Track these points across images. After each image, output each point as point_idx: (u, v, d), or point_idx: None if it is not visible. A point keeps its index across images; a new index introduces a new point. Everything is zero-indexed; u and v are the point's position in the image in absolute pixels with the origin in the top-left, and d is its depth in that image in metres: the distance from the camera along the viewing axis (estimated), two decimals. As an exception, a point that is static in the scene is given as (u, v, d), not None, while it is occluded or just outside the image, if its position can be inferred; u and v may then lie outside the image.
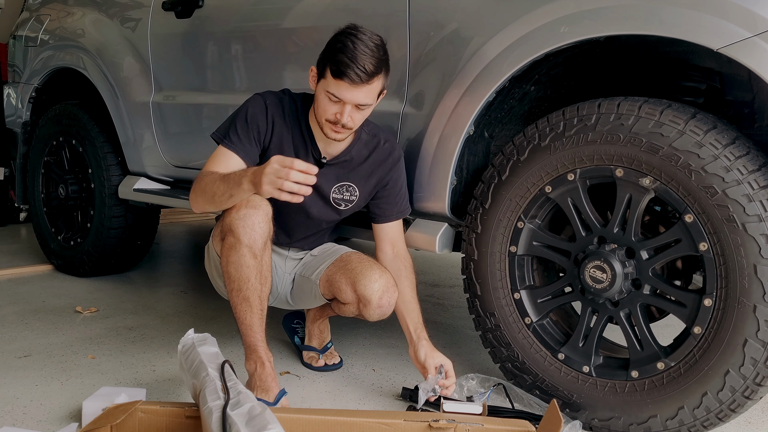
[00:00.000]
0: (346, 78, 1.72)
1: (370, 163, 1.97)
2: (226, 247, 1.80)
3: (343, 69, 1.71)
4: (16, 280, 3.24)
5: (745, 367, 1.56)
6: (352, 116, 1.79)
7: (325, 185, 1.96)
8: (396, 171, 1.99)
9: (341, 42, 1.74)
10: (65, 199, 3.27)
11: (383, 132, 2.00)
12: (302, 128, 1.92)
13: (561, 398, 1.82)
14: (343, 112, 1.77)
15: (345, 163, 1.96)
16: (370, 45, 1.73)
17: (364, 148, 1.96)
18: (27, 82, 3.46)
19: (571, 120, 1.75)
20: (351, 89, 1.73)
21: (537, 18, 1.73)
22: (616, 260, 1.71)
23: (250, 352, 1.87)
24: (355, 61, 1.70)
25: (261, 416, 1.24)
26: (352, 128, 1.83)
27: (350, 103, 1.76)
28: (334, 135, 1.83)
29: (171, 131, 2.77)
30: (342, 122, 1.78)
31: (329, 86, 1.76)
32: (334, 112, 1.78)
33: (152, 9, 2.77)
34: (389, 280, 1.91)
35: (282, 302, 2.17)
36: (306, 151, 1.93)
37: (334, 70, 1.73)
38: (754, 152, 1.58)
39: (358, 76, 1.71)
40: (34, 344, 2.32)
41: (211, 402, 1.35)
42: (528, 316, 1.89)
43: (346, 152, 1.95)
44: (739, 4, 1.46)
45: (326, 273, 2.01)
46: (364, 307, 1.91)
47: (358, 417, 1.49)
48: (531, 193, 1.83)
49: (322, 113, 1.81)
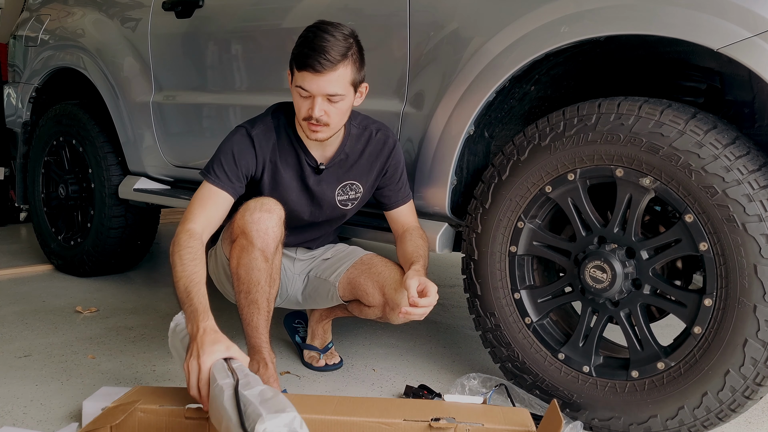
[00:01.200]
0: (309, 67, 1.68)
1: (367, 156, 1.95)
2: (238, 248, 1.79)
3: (305, 59, 1.69)
4: (16, 280, 3.25)
5: (746, 367, 1.55)
6: (326, 110, 1.73)
7: (327, 190, 1.95)
8: (394, 158, 1.98)
9: (303, 36, 1.73)
10: (65, 199, 3.27)
11: (373, 122, 1.97)
12: (292, 141, 1.89)
13: (561, 398, 1.82)
14: (313, 106, 1.72)
15: (342, 162, 1.95)
16: (334, 33, 1.70)
17: (357, 143, 1.94)
18: (27, 82, 3.46)
19: (571, 120, 1.75)
20: (315, 78, 1.69)
21: (537, 18, 1.73)
22: (616, 260, 1.71)
23: (253, 352, 1.87)
24: (315, 50, 1.67)
25: (276, 399, 1.22)
26: (329, 124, 1.76)
27: (318, 94, 1.71)
28: (313, 135, 1.78)
29: (171, 131, 2.77)
30: (315, 116, 1.72)
31: (297, 80, 1.73)
32: (307, 108, 1.74)
33: (152, 9, 2.77)
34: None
35: (292, 303, 2.16)
36: (300, 164, 1.90)
37: (298, 63, 1.71)
38: (754, 152, 1.58)
39: (320, 63, 1.67)
40: (34, 344, 2.33)
41: (221, 380, 1.32)
42: (528, 316, 1.89)
43: (340, 151, 1.92)
44: (739, 4, 1.46)
45: (347, 275, 2.00)
46: (392, 311, 1.90)
47: (359, 416, 1.49)
48: (531, 193, 1.83)
49: (298, 113, 1.78)
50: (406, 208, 2.03)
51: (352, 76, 1.75)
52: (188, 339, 1.53)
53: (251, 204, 1.78)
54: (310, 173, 1.92)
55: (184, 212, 1.81)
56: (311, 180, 1.92)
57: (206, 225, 1.77)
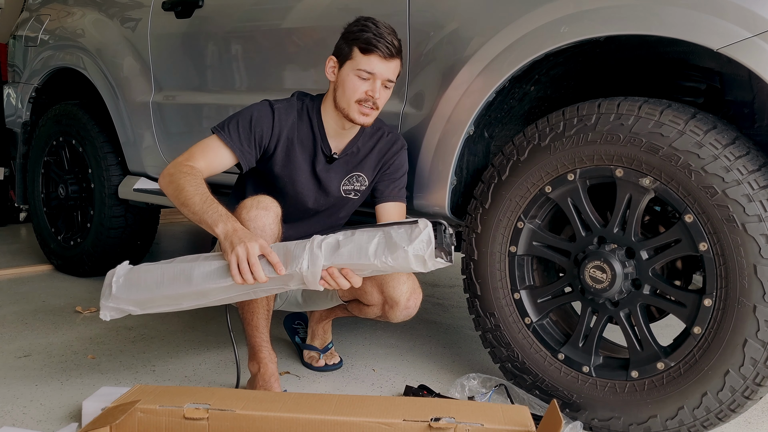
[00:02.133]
0: (378, 51, 1.79)
1: (376, 152, 1.99)
2: None
3: (374, 43, 1.79)
4: (16, 280, 3.24)
5: (745, 367, 1.55)
6: (381, 94, 1.83)
7: (335, 180, 1.98)
8: (399, 157, 2.00)
9: (363, 25, 1.82)
10: (65, 199, 3.27)
11: (386, 125, 2.03)
12: (313, 126, 1.93)
13: (561, 398, 1.82)
14: (374, 88, 1.82)
15: (353, 155, 1.98)
16: (389, 27, 1.83)
17: (369, 140, 1.99)
18: (27, 82, 3.46)
19: (571, 120, 1.75)
20: (382, 62, 1.80)
21: (537, 18, 1.73)
22: (616, 260, 1.71)
23: (254, 352, 1.87)
24: (382, 37, 1.80)
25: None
26: (379, 108, 1.86)
27: (381, 77, 1.81)
28: (363, 118, 1.86)
29: (171, 131, 2.77)
30: (374, 98, 1.82)
31: (359, 64, 1.81)
32: (365, 89, 1.82)
33: (152, 9, 2.77)
34: (415, 282, 1.91)
35: (292, 304, 2.16)
36: (315, 149, 1.94)
37: (363, 48, 1.80)
38: (754, 152, 1.58)
39: (388, 49, 1.79)
40: (34, 344, 2.32)
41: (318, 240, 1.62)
42: (528, 316, 1.89)
43: (352, 144, 1.97)
44: (739, 4, 1.46)
45: None
46: (390, 309, 1.91)
47: (359, 416, 1.49)
48: (531, 193, 1.83)
49: (352, 94, 1.83)
50: (396, 206, 2.02)
51: (400, 69, 1.88)
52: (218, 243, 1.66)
53: (248, 202, 1.78)
54: (321, 160, 1.95)
55: (183, 154, 1.84)
56: (321, 167, 1.95)
57: (205, 170, 1.82)
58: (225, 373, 2.12)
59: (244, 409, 1.50)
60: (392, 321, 1.95)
